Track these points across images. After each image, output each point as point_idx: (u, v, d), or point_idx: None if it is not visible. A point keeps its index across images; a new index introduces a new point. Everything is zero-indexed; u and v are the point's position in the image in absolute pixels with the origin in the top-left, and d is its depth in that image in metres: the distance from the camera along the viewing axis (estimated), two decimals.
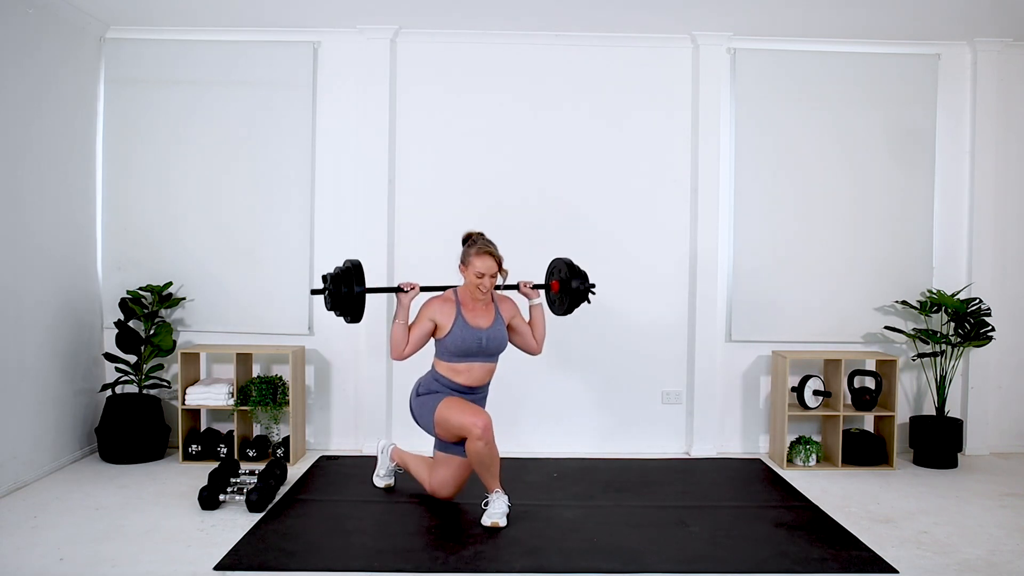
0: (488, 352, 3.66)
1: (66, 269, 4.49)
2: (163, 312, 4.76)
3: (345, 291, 3.53)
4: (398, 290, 3.66)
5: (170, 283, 4.76)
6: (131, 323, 4.66)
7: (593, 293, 3.83)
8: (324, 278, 3.62)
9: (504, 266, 3.64)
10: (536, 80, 4.87)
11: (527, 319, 3.85)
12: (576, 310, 3.88)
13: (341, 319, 3.68)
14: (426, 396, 3.70)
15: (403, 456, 4.03)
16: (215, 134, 4.83)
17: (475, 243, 3.62)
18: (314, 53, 4.84)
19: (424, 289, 3.72)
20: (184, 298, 4.83)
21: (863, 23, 4.61)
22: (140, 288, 4.68)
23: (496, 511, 3.52)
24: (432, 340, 3.72)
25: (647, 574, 3.08)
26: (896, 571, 3.12)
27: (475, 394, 3.72)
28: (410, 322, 3.67)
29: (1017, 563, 3.22)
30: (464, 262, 3.64)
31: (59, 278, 4.42)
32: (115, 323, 4.60)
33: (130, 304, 4.59)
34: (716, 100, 4.82)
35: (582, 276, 3.79)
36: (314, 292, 3.69)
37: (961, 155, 4.95)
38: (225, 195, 4.84)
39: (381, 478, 4.08)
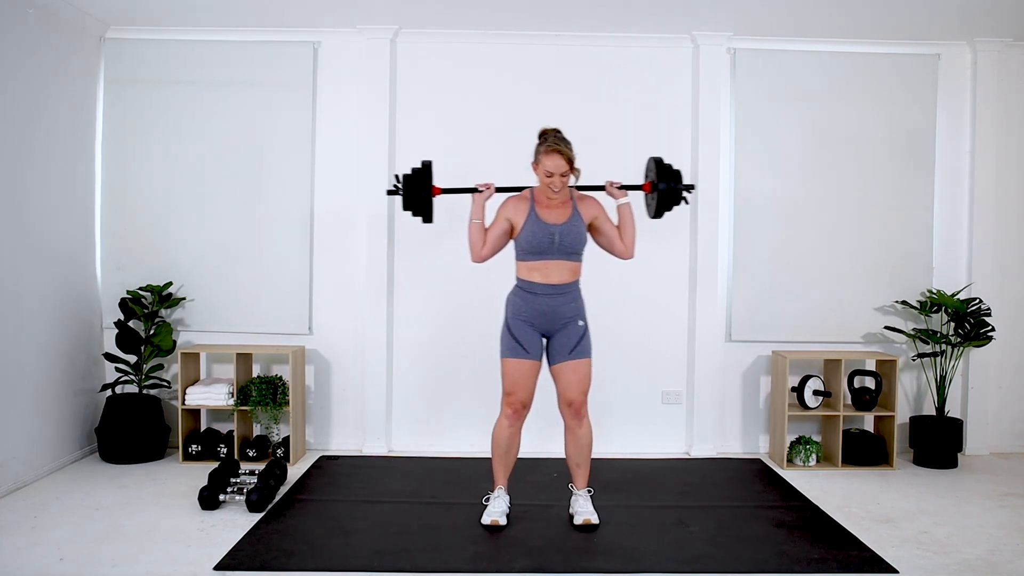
0: (564, 249, 3.46)
1: (66, 269, 4.49)
2: (163, 312, 4.76)
3: (416, 192, 3.52)
4: (473, 190, 3.59)
5: (170, 283, 4.76)
6: (131, 323, 4.66)
7: (689, 193, 3.60)
8: (396, 177, 3.59)
9: (577, 165, 3.47)
10: (536, 80, 4.87)
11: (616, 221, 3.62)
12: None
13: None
14: (506, 331, 3.54)
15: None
16: (215, 134, 4.83)
17: (546, 140, 3.46)
18: (314, 53, 4.84)
19: (500, 189, 3.64)
20: (184, 298, 4.83)
21: (863, 23, 4.61)
22: (140, 288, 4.68)
23: (496, 509, 3.52)
24: (512, 245, 3.59)
25: (647, 574, 3.08)
26: (896, 571, 3.12)
27: (558, 295, 3.49)
28: (488, 223, 3.56)
29: (1017, 563, 3.22)
30: (535, 160, 3.47)
31: (59, 278, 4.42)
32: (115, 323, 4.60)
33: (130, 304, 4.59)
34: (716, 100, 4.82)
35: (672, 176, 3.55)
36: (389, 192, 3.64)
37: (961, 155, 4.95)
38: (225, 195, 4.84)
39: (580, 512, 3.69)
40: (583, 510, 3.55)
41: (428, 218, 3.62)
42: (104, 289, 4.82)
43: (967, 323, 4.68)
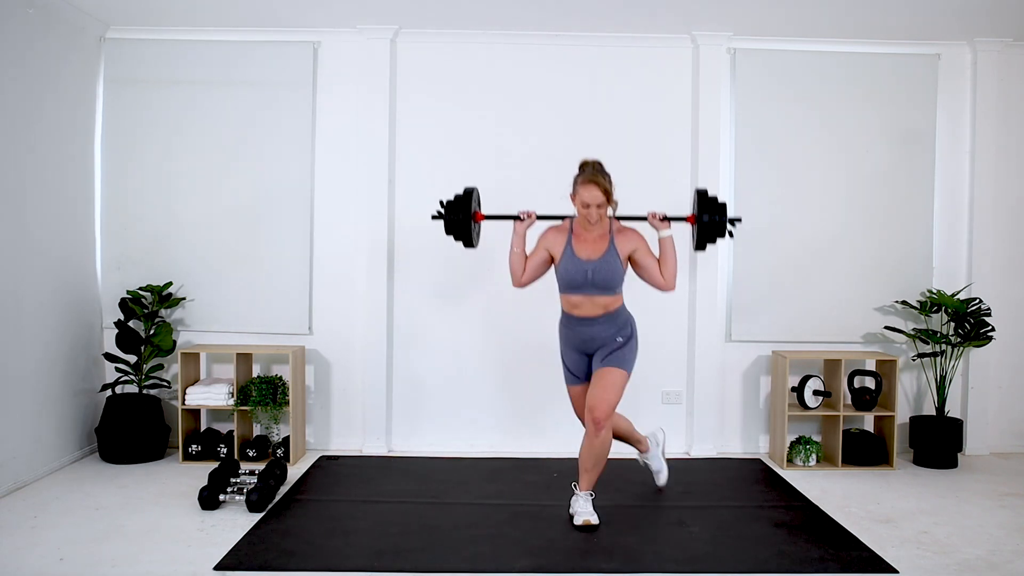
0: (596, 285, 3.48)
1: (66, 269, 4.49)
2: (163, 312, 4.76)
3: (460, 218, 3.59)
4: (515, 218, 3.63)
5: (170, 283, 4.76)
6: (131, 323, 4.66)
7: (734, 227, 3.57)
8: (441, 203, 3.64)
9: (615, 197, 3.48)
10: (536, 80, 4.87)
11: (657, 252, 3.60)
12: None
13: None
14: (561, 358, 3.72)
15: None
16: (215, 134, 4.83)
17: (583, 171, 3.48)
18: (314, 53, 4.84)
19: (541, 218, 3.67)
20: (184, 298, 4.83)
21: (863, 23, 4.61)
22: (140, 288, 4.68)
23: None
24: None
25: (647, 574, 3.08)
26: (896, 571, 3.12)
27: (595, 324, 3.53)
28: (528, 251, 3.62)
29: (1017, 563, 3.22)
30: (573, 191, 3.49)
31: (59, 278, 4.42)
32: (115, 323, 4.60)
33: (130, 304, 4.59)
34: (716, 100, 4.82)
35: (716, 209, 3.51)
36: (433, 217, 3.69)
37: (961, 155, 4.95)
38: (225, 195, 4.84)
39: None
40: (583, 511, 3.55)
41: (469, 243, 3.70)
42: (104, 289, 4.82)
43: (967, 323, 4.68)
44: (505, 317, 4.84)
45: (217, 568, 3.07)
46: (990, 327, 4.66)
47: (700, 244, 3.63)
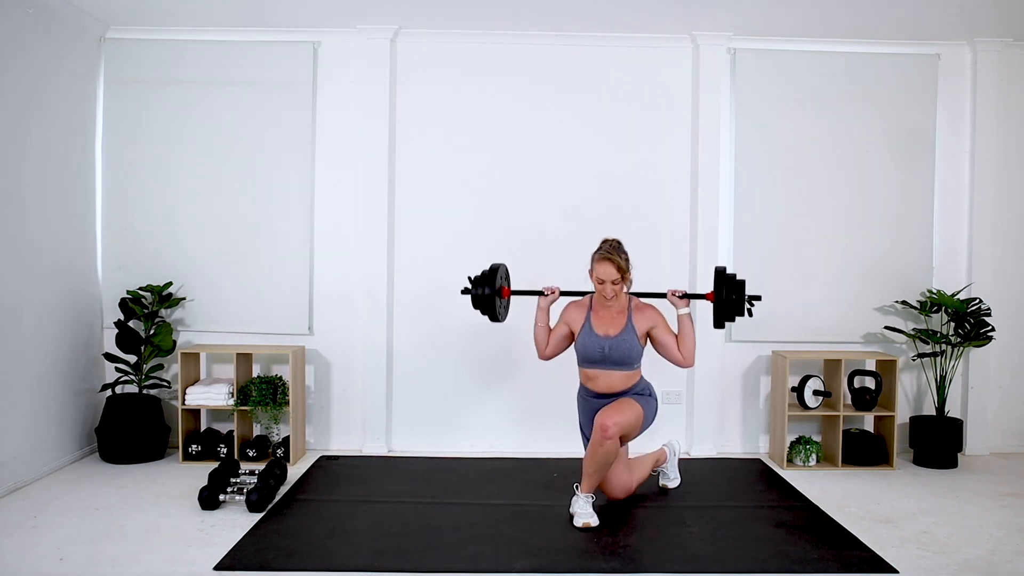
0: (612, 361, 3.60)
1: (66, 269, 4.49)
2: (163, 312, 4.76)
3: (487, 292, 3.68)
4: (539, 293, 3.75)
5: (170, 283, 4.76)
6: (131, 323, 4.66)
7: (753, 306, 3.63)
8: (470, 279, 3.75)
9: (630, 274, 3.59)
10: (536, 80, 4.87)
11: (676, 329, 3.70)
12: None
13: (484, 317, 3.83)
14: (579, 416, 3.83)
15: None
16: (215, 134, 4.83)
17: (601, 248, 3.61)
18: (314, 53, 4.84)
19: (564, 293, 3.79)
20: (184, 298, 4.83)
21: (863, 23, 4.61)
22: (140, 288, 4.68)
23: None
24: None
25: (647, 574, 3.08)
26: (896, 571, 3.12)
27: (609, 399, 3.66)
28: (552, 324, 3.74)
29: (1017, 563, 3.22)
30: (591, 267, 3.61)
31: (59, 278, 4.42)
32: (115, 323, 4.60)
33: (130, 304, 4.59)
34: (716, 100, 4.82)
35: (735, 287, 3.57)
36: (463, 292, 3.78)
37: (961, 155, 4.95)
38: (225, 195, 4.84)
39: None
40: (583, 512, 3.55)
41: (495, 318, 3.80)
42: (104, 289, 4.82)
43: (967, 323, 4.68)
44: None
45: (217, 568, 3.07)
46: (990, 327, 4.66)
47: (718, 322, 3.69)
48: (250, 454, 4.56)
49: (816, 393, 4.64)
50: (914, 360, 4.87)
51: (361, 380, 4.86)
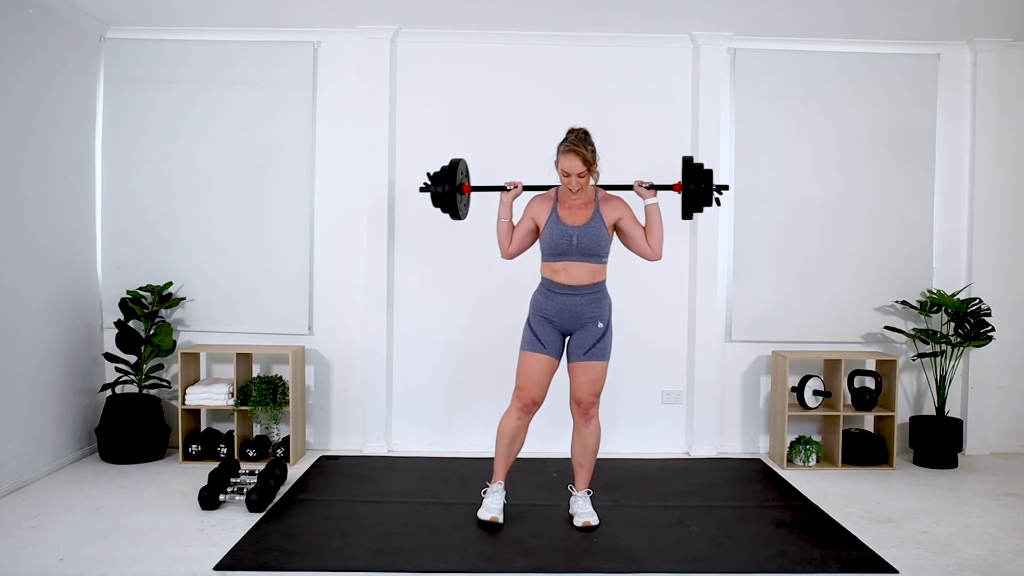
0: (582, 251, 3.46)
1: (66, 269, 4.49)
2: (163, 312, 4.76)
3: (447, 189, 3.56)
4: (501, 189, 3.63)
5: (170, 283, 4.76)
6: (131, 323, 4.66)
7: (721, 195, 3.54)
8: (428, 175, 3.62)
9: (597, 165, 3.48)
10: (536, 80, 4.88)
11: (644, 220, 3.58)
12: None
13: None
14: (527, 324, 3.60)
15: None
16: (215, 134, 4.83)
17: (566, 139, 3.45)
18: (314, 53, 4.84)
19: (528, 188, 3.65)
20: (184, 298, 4.83)
21: (863, 23, 4.61)
22: (140, 288, 4.68)
23: (494, 505, 3.52)
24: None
25: (647, 574, 3.08)
26: (896, 571, 3.12)
27: (578, 295, 3.50)
28: (516, 221, 3.61)
29: (1017, 563, 3.22)
30: (556, 159, 3.48)
31: (59, 278, 4.42)
32: (115, 323, 4.60)
33: (130, 304, 4.59)
34: (716, 100, 4.82)
35: (703, 176, 3.48)
36: (421, 190, 3.66)
37: (961, 155, 4.95)
38: (225, 195, 4.84)
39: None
40: (583, 511, 3.55)
41: (456, 215, 3.67)
42: (104, 289, 4.82)
43: (967, 323, 4.68)
44: (506, 317, 4.82)
45: (217, 568, 3.07)
46: (990, 327, 4.66)
47: (687, 213, 3.58)
48: (250, 454, 4.56)
49: (816, 393, 4.64)
50: (914, 360, 4.87)
51: (361, 380, 4.87)
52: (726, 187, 3.58)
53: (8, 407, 3.98)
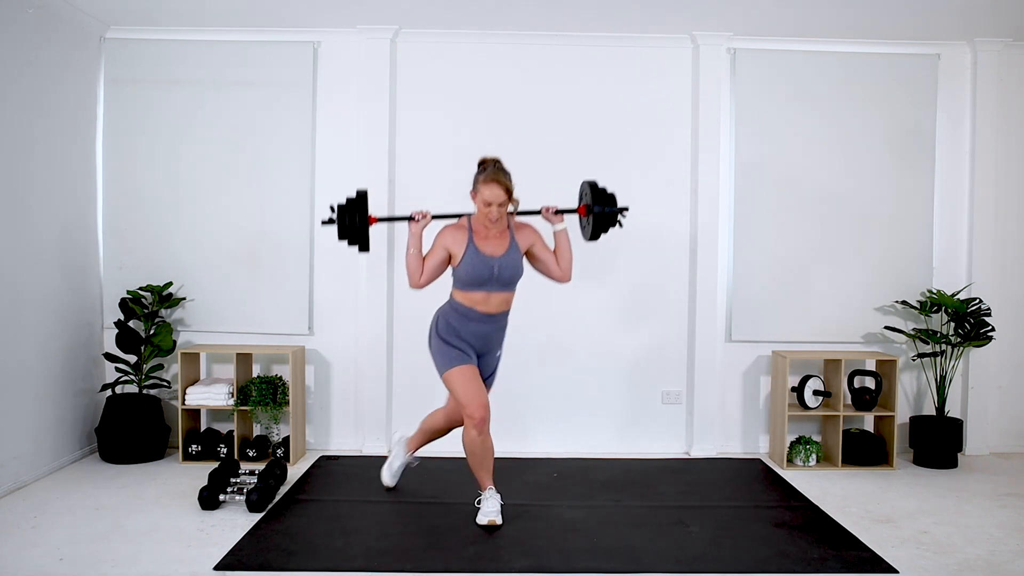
0: (502, 281, 3.52)
1: (66, 269, 4.49)
2: (163, 312, 4.76)
3: (352, 221, 3.50)
4: (409, 219, 3.59)
5: (170, 283, 4.76)
6: (131, 323, 4.66)
7: (624, 216, 3.62)
8: (332, 208, 3.56)
9: (515, 195, 3.51)
10: (536, 80, 4.88)
11: (553, 246, 3.66)
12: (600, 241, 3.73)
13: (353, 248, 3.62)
14: (442, 344, 3.57)
15: (417, 434, 3.95)
16: (215, 134, 4.83)
17: (485, 170, 3.50)
18: (314, 53, 4.84)
19: (437, 217, 3.63)
20: (184, 298, 4.83)
21: (863, 23, 4.61)
22: (140, 288, 4.68)
23: (491, 509, 3.52)
24: (449, 269, 3.62)
25: (647, 574, 3.08)
26: (896, 571, 3.12)
27: (494, 322, 3.58)
28: (424, 251, 3.57)
29: (1017, 563, 3.22)
30: (474, 189, 3.51)
31: (59, 278, 4.42)
32: (115, 323, 4.60)
33: (130, 304, 4.59)
34: (716, 100, 4.82)
35: (609, 199, 3.59)
36: (324, 223, 3.61)
37: (961, 155, 4.95)
38: (225, 195, 4.84)
39: (391, 474, 4.00)
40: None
41: (364, 247, 3.59)
42: (104, 289, 4.82)
43: (967, 323, 4.68)
44: None
45: (217, 568, 3.07)
46: (990, 327, 4.66)
47: (594, 235, 3.66)
48: (250, 454, 4.56)
49: (816, 393, 4.64)
50: (914, 360, 4.87)
51: (361, 380, 4.86)
52: (627, 208, 3.65)
53: (8, 407, 3.98)
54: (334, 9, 4.49)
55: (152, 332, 4.65)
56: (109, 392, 4.70)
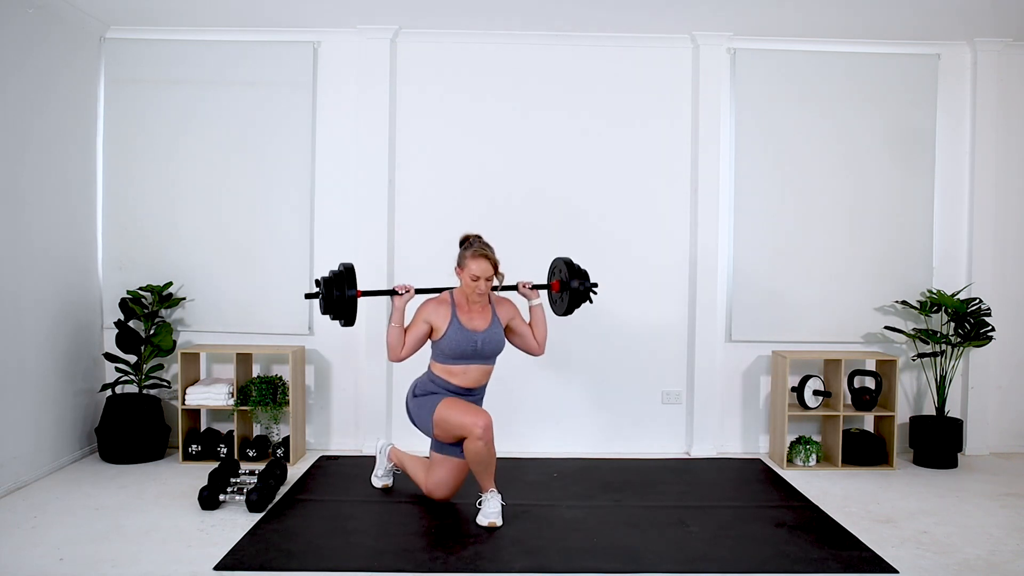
0: (484, 355, 3.65)
1: (66, 269, 4.49)
2: (163, 312, 4.76)
3: (338, 295, 3.51)
4: (393, 293, 3.63)
5: (170, 283, 4.76)
6: (131, 323, 4.66)
7: (595, 293, 3.79)
8: (317, 282, 3.59)
9: (500, 269, 3.62)
10: (536, 80, 4.87)
11: (527, 319, 3.81)
12: (577, 310, 3.85)
13: (336, 322, 3.66)
14: (423, 397, 3.70)
15: (400, 457, 4.02)
16: (215, 134, 4.83)
17: (471, 245, 3.60)
18: (314, 53, 4.84)
19: (420, 291, 3.70)
20: (184, 298, 4.83)
21: (863, 23, 4.61)
22: (140, 288, 4.68)
23: (491, 510, 3.53)
24: (429, 342, 3.70)
25: (647, 574, 3.08)
26: (896, 571, 3.12)
27: (472, 395, 3.72)
28: (406, 324, 3.64)
29: (1017, 563, 3.22)
30: (460, 264, 3.62)
31: (59, 278, 4.42)
32: (115, 323, 4.60)
33: (130, 304, 4.59)
34: (716, 100, 4.82)
35: (582, 275, 3.75)
36: (308, 296, 3.67)
37: (961, 155, 4.95)
38: (225, 195, 4.84)
39: (379, 478, 4.07)
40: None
41: (349, 322, 3.60)
42: (104, 289, 4.82)
43: (967, 323, 4.68)
44: None
45: (217, 568, 3.07)
46: (990, 327, 4.66)
47: (568, 310, 3.81)
48: (250, 454, 4.56)
49: (816, 393, 4.64)
50: (914, 360, 4.87)
51: (361, 380, 4.86)
52: (596, 285, 3.77)
53: (8, 407, 3.98)
54: (334, 9, 4.49)
55: (152, 332, 4.65)
56: (109, 392, 4.70)
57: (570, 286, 3.74)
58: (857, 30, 4.73)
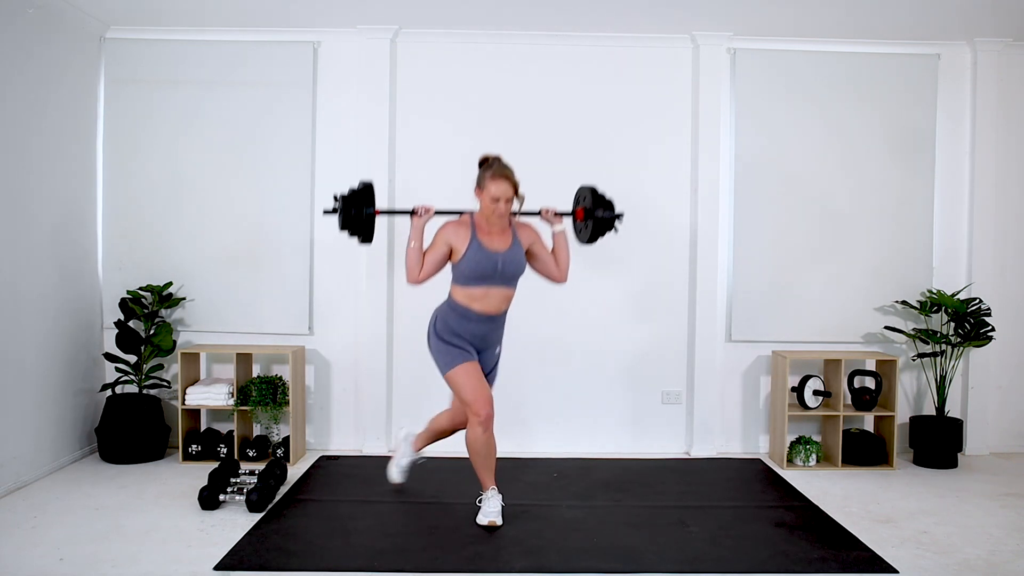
0: (505, 276, 3.50)
1: (66, 269, 4.49)
2: (163, 312, 4.76)
3: (355, 212, 3.47)
4: (412, 213, 3.56)
5: (170, 283, 4.76)
6: (131, 323, 4.66)
7: (620, 221, 3.70)
8: (335, 197, 3.54)
9: (520, 191, 3.51)
10: (536, 80, 4.88)
11: (550, 246, 3.69)
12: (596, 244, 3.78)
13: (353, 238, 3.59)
14: (441, 344, 3.55)
15: (425, 429, 3.93)
16: (215, 134, 4.83)
17: (491, 166, 3.48)
18: (314, 53, 4.84)
19: (439, 213, 3.62)
20: (184, 298, 4.83)
21: (863, 23, 4.61)
22: (140, 288, 4.68)
23: (492, 509, 3.52)
24: (448, 266, 3.58)
25: (647, 574, 3.08)
26: (896, 571, 3.12)
27: (492, 322, 3.58)
28: (425, 246, 3.54)
29: (1017, 563, 3.22)
30: (479, 185, 3.49)
31: (59, 278, 4.42)
32: (115, 323, 4.60)
33: (130, 304, 4.59)
34: (716, 100, 4.82)
35: (607, 205, 3.66)
36: (326, 212, 3.58)
37: (961, 155, 4.95)
38: (225, 195, 4.84)
39: (400, 469, 3.99)
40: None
41: (367, 238, 3.57)
42: (104, 289, 4.82)
43: (967, 323, 4.68)
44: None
45: (217, 568, 3.07)
46: (990, 327, 4.66)
47: (592, 238, 3.75)
48: (250, 454, 4.56)
49: (816, 393, 4.64)
50: (914, 360, 4.87)
51: (361, 380, 4.87)
52: (622, 214, 3.72)
53: (8, 407, 3.98)
54: (334, 9, 4.49)
55: (152, 332, 4.65)
56: (109, 392, 4.70)
57: (595, 215, 3.66)
58: (857, 30, 4.73)
